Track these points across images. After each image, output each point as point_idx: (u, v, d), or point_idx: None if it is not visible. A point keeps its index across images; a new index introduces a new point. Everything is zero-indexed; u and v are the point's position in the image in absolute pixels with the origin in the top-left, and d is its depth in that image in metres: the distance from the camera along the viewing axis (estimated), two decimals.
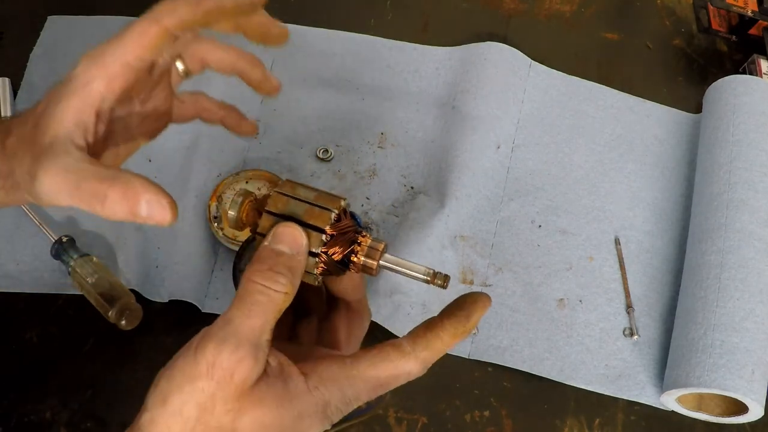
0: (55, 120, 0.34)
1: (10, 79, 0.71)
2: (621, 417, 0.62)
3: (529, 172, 0.71)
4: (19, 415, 0.59)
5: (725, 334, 0.57)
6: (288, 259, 0.33)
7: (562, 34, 0.79)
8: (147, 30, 0.35)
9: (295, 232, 0.33)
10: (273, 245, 0.33)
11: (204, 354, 0.30)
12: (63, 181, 0.33)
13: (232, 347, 0.30)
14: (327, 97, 0.73)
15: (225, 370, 0.30)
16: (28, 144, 0.34)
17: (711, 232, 0.62)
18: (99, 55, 0.36)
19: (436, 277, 0.35)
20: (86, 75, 0.35)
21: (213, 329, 0.31)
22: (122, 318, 0.60)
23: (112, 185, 0.32)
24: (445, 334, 0.35)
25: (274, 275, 0.32)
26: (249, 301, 0.31)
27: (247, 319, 0.31)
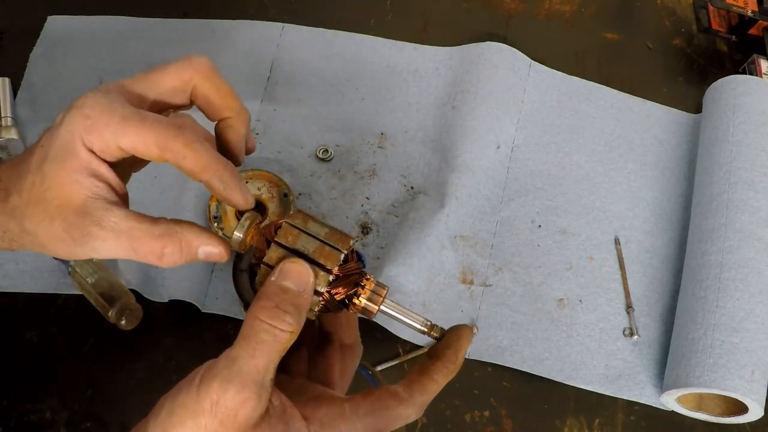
0: (71, 180, 0.33)
1: (10, 79, 0.71)
2: (621, 417, 0.62)
3: (529, 172, 0.71)
4: (19, 415, 0.59)
5: (725, 334, 0.57)
6: (294, 297, 0.32)
7: (562, 34, 0.79)
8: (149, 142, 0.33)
9: (303, 269, 0.33)
10: (280, 281, 0.33)
11: (208, 392, 0.30)
12: (115, 245, 0.33)
13: (237, 387, 0.30)
14: (327, 97, 0.73)
15: (229, 410, 0.30)
16: (46, 205, 0.33)
17: (711, 232, 0.62)
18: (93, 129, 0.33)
19: (433, 330, 0.36)
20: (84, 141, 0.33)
21: (218, 367, 0.31)
22: (122, 318, 0.60)
23: (168, 242, 0.33)
24: (438, 375, 0.35)
25: (281, 314, 0.32)
26: (255, 341, 0.31)
27: (252, 359, 0.31)
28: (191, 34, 0.75)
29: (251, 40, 0.75)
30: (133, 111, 0.33)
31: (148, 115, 0.33)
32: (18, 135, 0.67)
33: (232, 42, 0.75)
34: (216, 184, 0.34)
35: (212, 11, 0.77)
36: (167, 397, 0.31)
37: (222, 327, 0.62)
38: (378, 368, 0.61)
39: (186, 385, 0.31)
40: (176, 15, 0.76)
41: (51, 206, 0.33)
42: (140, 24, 0.76)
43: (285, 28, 0.76)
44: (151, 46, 0.74)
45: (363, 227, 0.67)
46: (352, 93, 0.74)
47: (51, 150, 0.34)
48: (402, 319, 0.36)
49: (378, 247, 0.66)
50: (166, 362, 0.61)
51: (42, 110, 0.71)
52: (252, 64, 0.74)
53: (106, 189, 0.34)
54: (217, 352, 0.37)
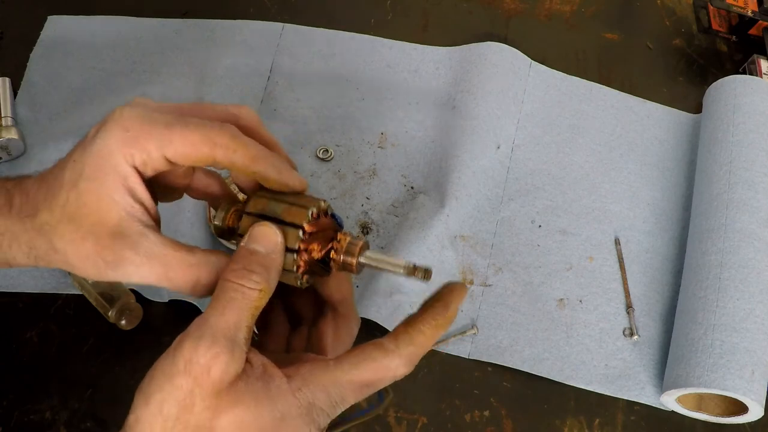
0: (108, 200, 0.32)
1: (10, 79, 0.71)
2: (621, 417, 0.62)
3: (529, 172, 0.71)
4: (19, 414, 0.59)
5: (725, 334, 0.57)
6: (263, 257, 0.33)
7: (562, 34, 0.79)
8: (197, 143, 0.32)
9: (269, 230, 0.33)
10: (248, 245, 0.33)
11: (181, 351, 0.31)
12: (149, 271, 0.33)
13: (208, 343, 0.30)
14: (327, 97, 0.73)
15: (201, 366, 0.30)
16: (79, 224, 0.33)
17: (711, 232, 0.62)
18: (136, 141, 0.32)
19: (416, 270, 0.35)
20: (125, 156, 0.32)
21: (190, 329, 0.31)
22: (122, 318, 0.60)
23: (203, 273, 0.33)
24: (427, 327, 0.35)
25: (248, 273, 0.32)
26: (223, 299, 0.32)
27: (221, 316, 0.31)
28: (191, 34, 0.75)
29: (251, 40, 0.75)
30: (176, 117, 0.33)
31: (190, 118, 0.33)
32: (18, 135, 0.67)
33: (232, 42, 0.75)
34: (271, 172, 0.34)
35: (212, 11, 0.77)
36: (151, 368, 0.32)
37: None
38: None
39: (164, 354, 0.32)
40: (176, 15, 0.76)
41: (84, 225, 0.32)
42: (140, 24, 0.76)
43: (285, 28, 0.76)
44: (151, 46, 0.74)
45: (363, 227, 0.67)
46: (352, 93, 0.74)
47: (87, 166, 0.32)
48: (384, 267, 0.35)
49: (378, 247, 0.66)
50: None
51: (42, 110, 0.71)
52: (252, 64, 0.74)
53: (142, 211, 0.33)
54: None
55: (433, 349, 0.63)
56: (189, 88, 0.72)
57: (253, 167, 0.34)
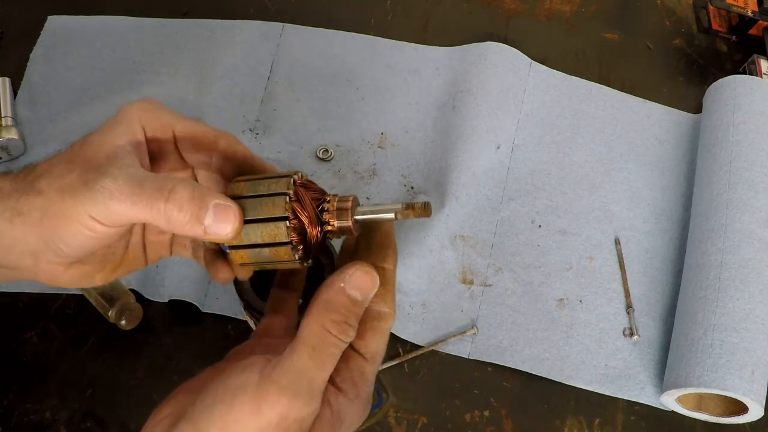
0: (109, 139, 0.33)
1: (10, 79, 0.71)
2: (621, 417, 0.62)
3: (529, 172, 0.71)
4: (19, 414, 0.59)
5: (725, 334, 0.57)
6: (360, 308, 0.32)
7: (562, 34, 0.79)
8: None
9: (370, 278, 0.32)
10: (349, 290, 0.31)
11: (274, 407, 0.29)
12: (126, 182, 0.31)
13: (306, 400, 0.29)
14: (327, 97, 0.73)
15: (296, 422, 0.29)
16: (71, 162, 0.32)
17: (711, 232, 0.62)
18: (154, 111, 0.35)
19: (414, 207, 0.33)
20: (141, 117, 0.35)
21: (279, 379, 0.29)
22: (122, 318, 0.60)
23: (180, 183, 0.31)
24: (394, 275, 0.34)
25: (348, 328, 0.31)
26: (325, 354, 0.30)
27: (321, 372, 0.30)
28: (191, 34, 0.75)
29: (251, 40, 0.75)
30: None
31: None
32: (18, 135, 0.67)
33: (232, 42, 0.75)
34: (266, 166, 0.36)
35: (212, 11, 0.77)
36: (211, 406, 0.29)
37: (222, 327, 0.62)
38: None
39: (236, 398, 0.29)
40: (176, 15, 0.76)
41: (76, 160, 0.32)
42: (140, 24, 0.76)
43: (285, 28, 0.76)
44: (151, 46, 0.74)
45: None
46: (352, 93, 0.74)
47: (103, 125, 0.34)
48: (379, 218, 0.34)
49: None
50: (166, 362, 0.61)
51: (42, 110, 0.71)
52: (252, 64, 0.74)
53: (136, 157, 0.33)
54: (217, 352, 0.37)
55: (433, 349, 0.63)
56: (189, 88, 0.72)
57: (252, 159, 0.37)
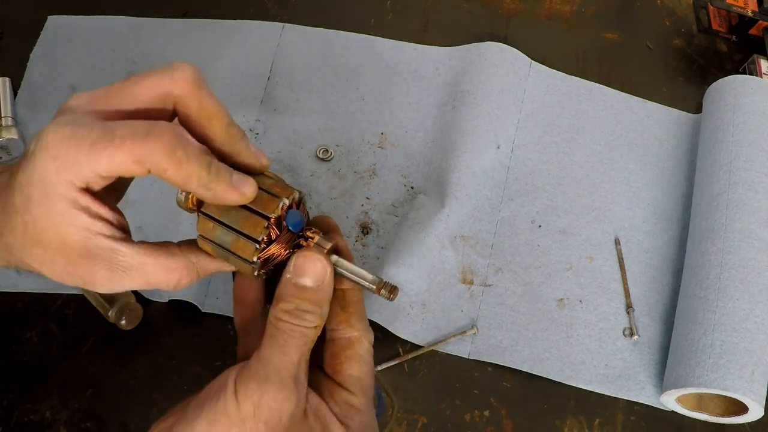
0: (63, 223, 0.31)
1: (10, 79, 0.71)
2: (621, 417, 0.62)
3: (529, 172, 0.71)
4: (19, 414, 0.59)
5: (725, 334, 0.57)
6: (313, 293, 0.32)
7: (562, 34, 0.79)
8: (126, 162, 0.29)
9: (315, 260, 0.32)
10: (295, 279, 0.32)
11: (247, 395, 0.29)
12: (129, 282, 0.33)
13: (277, 385, 0.29)
14: (327, 97, 0.73)
15: (273, 410, 0.29)
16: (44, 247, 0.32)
17: (711, 232, 0.62)
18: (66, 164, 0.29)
19: (383, 287, 0.34)
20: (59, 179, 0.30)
21: (251, 369, 0.30)
22: (122, 318, 0.60)
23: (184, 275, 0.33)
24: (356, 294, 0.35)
25: (302, 314, 0.31)
26: (282, 338, 0.31)
27: (284, 356, 0.30)
28: (191, 34, 0.75)
29: (251, 40, 0.75)
30: (102, 131, 0.29)
31: (117, 130, 0.29)
32: (18, 135, 0.67)
33: (232, 42, 0.75)
34: (204, 194, 0.31)
35: (212, 11, 0.77)
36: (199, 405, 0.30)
37: (222, 327, 0.62)
38: (378, 368, 0.61)
39: (221, 392, 0.30)
40: (176, 15, 0.76)
41: (49, 249, 0.31)
42: (140, 24, 0.76)
43: (285, 28, 0.76)
44: (151, 46, 0.75)
45: (363, 227, 0.67)
46: (352, 93, 0.74)
47: (33, 192, 0.30)
48: (350, 277, 0.34)
49: (378, 247, 0.66)
50: (166, 362, 0.61)
51: (42, 110, 0.71)
52: (252, 64, 0.74)
53: (103, 225, 0.31)
54: (217, 352, 0.37)
55: (433, 349, 0.63)
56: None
57: (186, 187, 0.31)
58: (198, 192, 0.31)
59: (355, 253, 0.66)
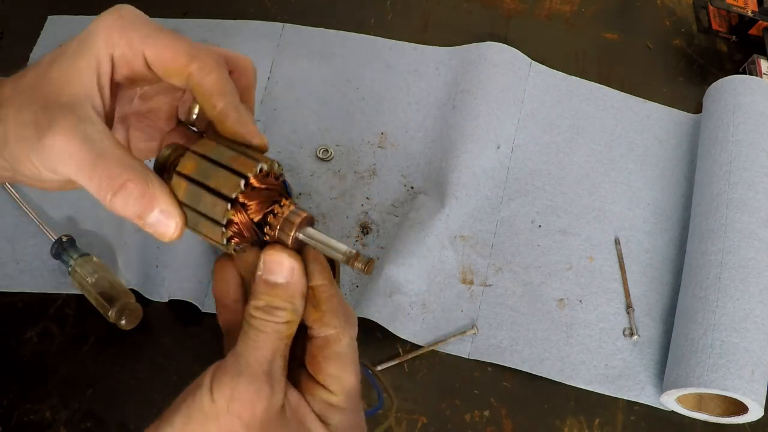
0: (73, 74, 0.32)
1: None
2: (621, 417, 0.62)
3: (529, 172, 0.71)
4: (19, 414, 0.59)
5: (725, 334, 0.57)
6: (284, 289, 0.31)
7: (562, 34, 0.79)
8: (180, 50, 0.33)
9: (282, 256, 0.32)
10: (265, 276, 0.32)
11: (221, 389, 0.29)
12: (79, 150, 0.30)
13: (248, 378, 0.29)
14: (327, 97, 0.73)
15: (245, 404, 0.29)
16: (32, 94, 0.31)
17: (711, 232, 0.62)
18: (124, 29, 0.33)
19: (357, 260, 0.32)
20: (108, 39, 0.32)
21: (225, 364, 0.30)
22: (122, 318, 0.60)
23: (134, 178, 0.30)
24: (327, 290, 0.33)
25: (273, 310, 0.31)
26: (254, 334, 0.31)
27: (256, 350, 0.30)
28: (191, 34, 0.75)
29: (251, 40, 0.75)
30: (165, 29, 0.33)
31: (183, 36, 0.33)
32: None
33: (232, 42, 0.75)
34: (232, 113, 0.32)
35: (212, 11, 0.77)
36: (178, 403, 0.31)
37: None
38: (378, 368, 0.61)
39: (197, 389, 0.30)
40: (176, 15, 0.76)
41: (37, 94, 0.31)
42: None
43: (285, 28, 0.76)
44: None
45: (363, 227, 0.67)
46: (352, 93, 0.74)
47: (70, 46, 0.32)
48: (323, 249, 0.32)
49: (378, 247, 0.66)
50: (166, 362, 0.61)
51: None
52: None
53: (98, 98, 0.32)
54: (217, 352, 0.37)
55: (433, 349, 0.63)
56: None
57: (219, 99, 0.32)
58: (227, 109, 0.32)
59: None
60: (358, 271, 0.32)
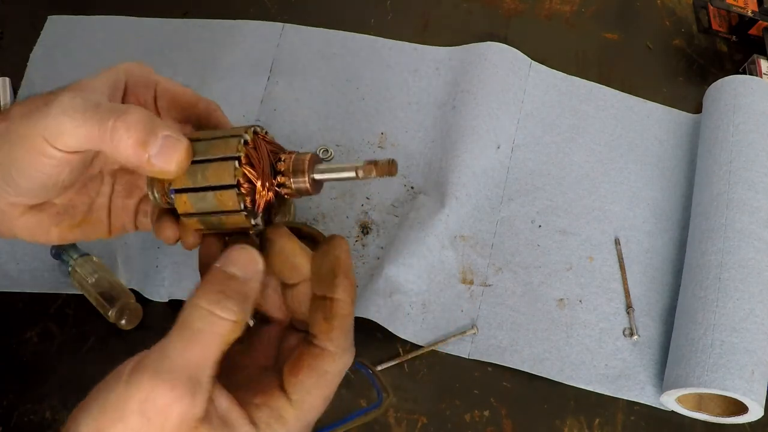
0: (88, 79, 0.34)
1: (11, 79, 0.71)
2: (621, 417, 0.62)
3: (529, 172, 0.71)
4: (19, 414, 0.59)
5: (725, 334, 0.57)
6: (241, 284, 0.29)
7: (562, 34, 0.79)
8: None
9: (249, 253, 0.30)
10: (225, 267, 0.29)
11: (138, 388, 0.27)
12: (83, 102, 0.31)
13: (168, 384, 0.26)
14: (327, 97, 0.73)
15: (159, 409, 0.26)
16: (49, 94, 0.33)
17: (711, 232, 0.62)
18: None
19: (377, 166, 0.30)
20: None
21: (149, 359, 0.28)
22: (122, 318, 0.60)
23: (132, 106, 0.30)
24: (345, 307, 0.31)
25: (223, 299, 0.28)
26: (191, 330, 0.28)
27: (185, 351, 0.27)
28: (191, 34, 0.75)
29: (251, 40, 0.75)
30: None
31: None
32: None
33: (232, 42, 0.75)
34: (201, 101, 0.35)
35: (212, 11, 0.77)
36: (99, 389, 0.29)
37: None
38: (378, 368, 0.61)
39: (115, 380, 0.28)
40: (176, 15, 0.76)
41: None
42: (140, 24, 0.76)
43: (285, 28, 0.76)
44: (151, 46, 0.74)
45: (363, 227, 0.67)
46: (352, 93, 0.74)
47: None
48: (340, 177, 0.31)
49: (378, 247, 0.66)
50: None
51: None
52: (252, 64, 0.74)
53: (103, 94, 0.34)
54: None
55: (433, 349, 0.63)
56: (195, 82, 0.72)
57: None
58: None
59: (355, 253, 0.66)
60: (382, 177, 0.30)
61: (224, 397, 0.29)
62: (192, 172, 0.31)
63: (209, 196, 0.31)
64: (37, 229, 0.35)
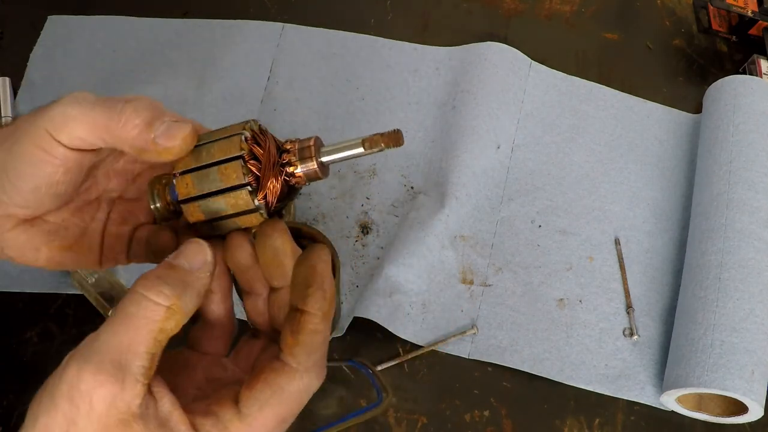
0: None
1: (11, 79, 0.71)
2: (621, 417, 0.62)
3: (529, 172, 0.71)
4: (19, 414, 0.59)
5: (725, 334, 0.57)
6: (184, 273, 0.29)
7: (562, 34, 0.79)
8: None
9: (199, 247, 0.30)
10: (172, 259, 0.29)
11: (67, 372, 0.26)
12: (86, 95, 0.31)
13: (93, 368, 0.26)
14: (327, 97, 0.73)
15: (82, 393, 0.26)
16: None
17: (711, 232, 0.62)
18: None
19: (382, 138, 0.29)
20: None
21: (82, 344, 0.27)
22: None
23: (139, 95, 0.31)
24: (317, 321, 0.29)
25: (158, 283, 0.28)
26: (121, 317, 0.27)
27: (113, 336, 0.27)
28: (191, 34, 0.75)
29: (251, 40, 0.75)
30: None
31: None
32: None
33: (232, 42, 0.75)
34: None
35: (212, 11, 0.77)
36: (49, 379, 0.28)
37: None
38: (378, 368, 0.61)
39: (58, 368, 0.28)
40: (176, 15, 0.76)
41: None
42: (140, 24, 0.76)
43: (285, 28, 0.76)
44: (151, 46, 0.74)
45: (363, 227, 0.67)
46: (352, 93, 0.74)
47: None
48: (346, 155, 0.31)
49: (378, 247, 0.66)
50: None
51: None
52: (252, 64, 0.74)
53: None
54: None
55: (433, 349, 0.62)
56: (189, 89, 0.72)
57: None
58: None
59: (355, 253, 0.66)
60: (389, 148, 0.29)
61: (168, 399, 0.28)
62: (196, 153, 0.32)
63: (212, 172, 0.31)
64: (27, 246, 0.34)
